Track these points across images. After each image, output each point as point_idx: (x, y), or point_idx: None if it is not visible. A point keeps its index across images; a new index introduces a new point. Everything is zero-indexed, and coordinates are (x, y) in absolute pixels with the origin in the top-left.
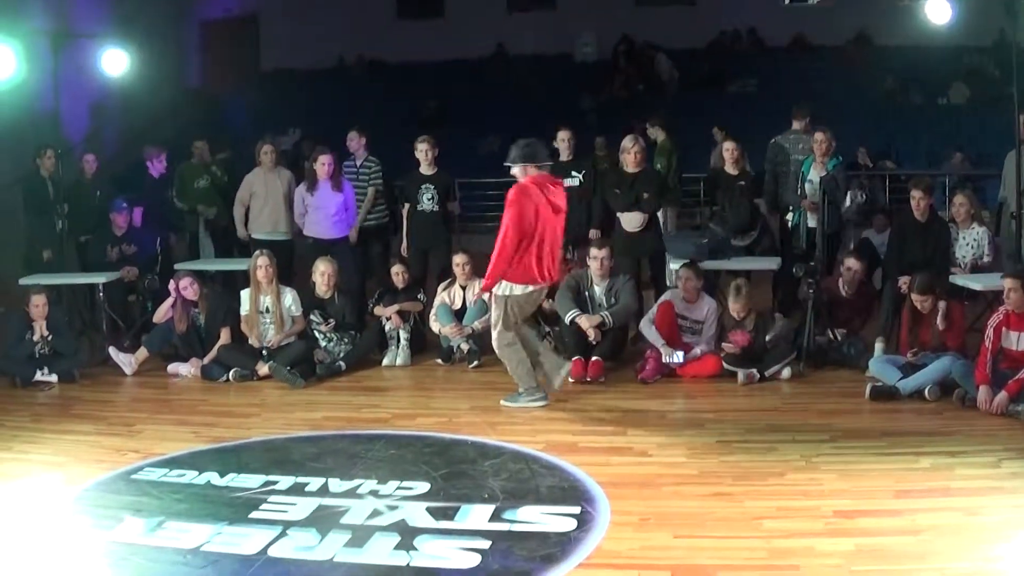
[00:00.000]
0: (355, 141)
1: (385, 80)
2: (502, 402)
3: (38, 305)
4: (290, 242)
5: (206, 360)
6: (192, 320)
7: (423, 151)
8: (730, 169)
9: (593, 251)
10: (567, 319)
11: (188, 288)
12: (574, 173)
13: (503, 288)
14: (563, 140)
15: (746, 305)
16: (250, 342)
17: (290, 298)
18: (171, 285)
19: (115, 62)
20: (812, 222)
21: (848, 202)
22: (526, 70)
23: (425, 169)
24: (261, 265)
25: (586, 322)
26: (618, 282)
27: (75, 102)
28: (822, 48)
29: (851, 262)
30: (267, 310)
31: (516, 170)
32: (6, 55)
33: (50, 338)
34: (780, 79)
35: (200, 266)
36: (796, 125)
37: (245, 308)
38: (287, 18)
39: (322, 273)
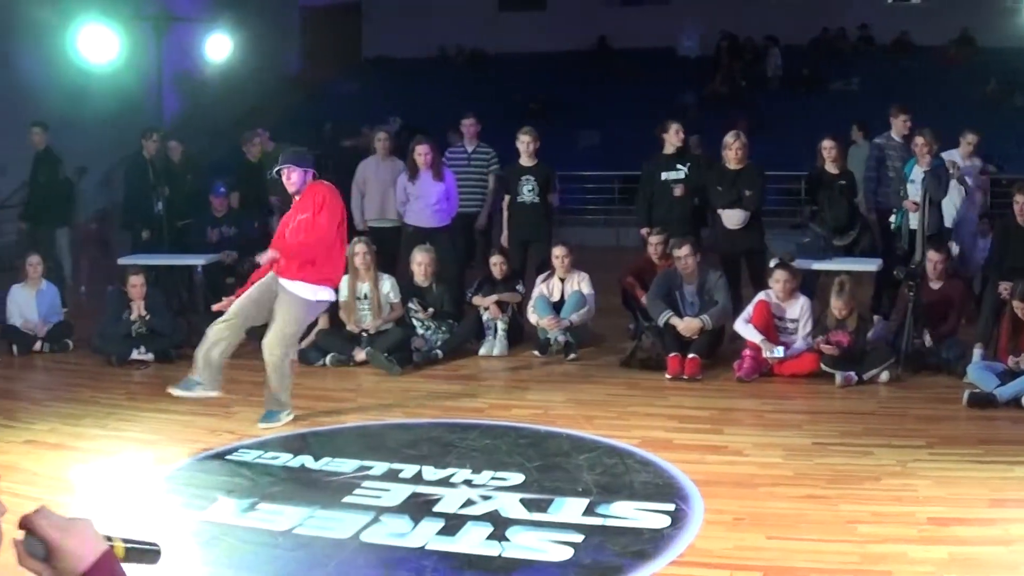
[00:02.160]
0: (471, 127)
1: (485, 72)
2: (260, 424)
3: (136, 285)
4: (399, 228)
5: (303, 344)
6: None
7: (525, 143)
8: (830, 168)
9: (676, 252)
10: (661, 321)
11: None
12: (679, 166)
13: (311, 292)
14: (676, 132)
15: (848, 303)
16: (348, 328)
17: (388, 285)
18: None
19: (219, 47)
20: (914, 224)
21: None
22: (628, 64)
23: (525, 161)
24: (359, 252)
25: (685, 328)
26: (709, 280)
27: (175, 86)
28: (925, 48)
29: (931, 253)
30: (365, 296)
31: (296, 174)
32: (109, 39)
33: (148, 318)
34: (882, 79)
35: None
36: (895, 128)
37: (343, 294)
38: (389, 7)
39: (419, 263)
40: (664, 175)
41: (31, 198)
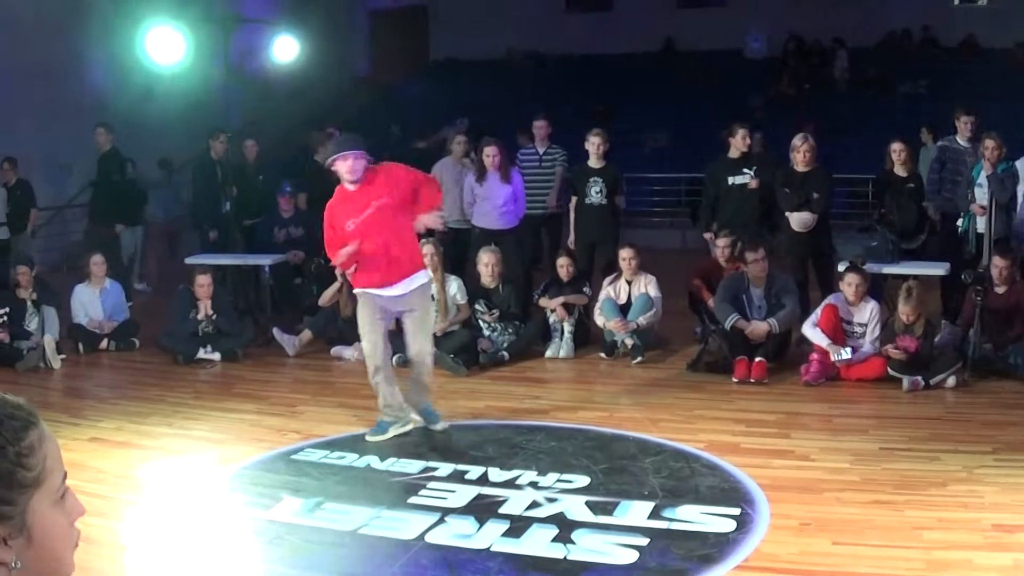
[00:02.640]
0: (543, 129)
1: (552, 73)
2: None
3: (203, 285)
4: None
5: None
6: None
7: (595, 144)
8: (899, 171)
9: (749, 255)
10: (728, 324)
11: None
12: (745, 170)
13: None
14: (743, 137)
15: (916, 308)
16: None
17: (455, 286)
18: (337, 270)
19: (286, 49)
20: (982, 227)
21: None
22: (694, 65)
23: (594, 162)
24: (427, 253)
25: (753, 332)
26: (777, 283)
27: (242, 86)
28: (991, 51)
29: (996, 259)
30: (432, 297)
31: (362, 161)
32: (176, 40)
33: (214, 317)
34: (950, 81)
35: None
36: (960, 131)
37: None
38: (456, 8)
39: (485, 264)
40: (731, 179)
41: (95, 198)
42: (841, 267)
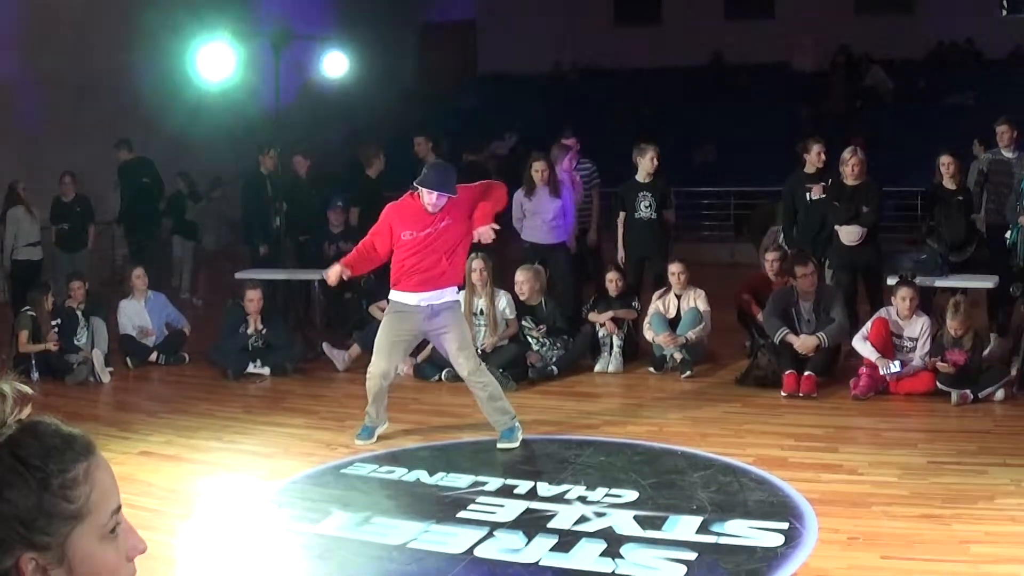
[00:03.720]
0: (570, 143)
1: (600, 86)
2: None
3: (253, 299)
4: None
5: (419, 359)
6: None
7: (650, 158)
8: (948, 184)
9: (798, 269)
10: (776, 338)
11: None
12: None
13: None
14: (818, 153)
15: (964, 323)
16: None
17: (504, 301)
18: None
19: (336, 64)
20: None
21: None
22: (743, 79)
23: (642, 177)
24: (476, 268)
25: (802, 346)
26: (826, 297)
27: (293, 102)
28: None
29: None
30: (481, 312)
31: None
32: (227, 55)
33: (264, 332)
34: (998, 93)
35: None
36: (999, 141)
37: None
38: (505, 23)
39: (518, 282)
40: (808, 195)
41: (120, 211)
42: (891, 281)
